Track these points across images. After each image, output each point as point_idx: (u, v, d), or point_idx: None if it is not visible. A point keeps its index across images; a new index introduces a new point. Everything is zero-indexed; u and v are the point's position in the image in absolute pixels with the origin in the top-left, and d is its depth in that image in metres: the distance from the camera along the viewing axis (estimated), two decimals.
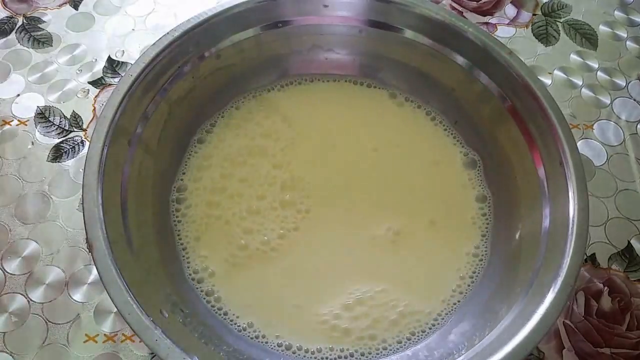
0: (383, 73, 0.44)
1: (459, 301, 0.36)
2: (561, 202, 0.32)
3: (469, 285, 0.37)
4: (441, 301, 0.36)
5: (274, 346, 0.34)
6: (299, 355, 0.34)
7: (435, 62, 0.40)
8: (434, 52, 0.40)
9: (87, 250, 0.39)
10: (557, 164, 0.33)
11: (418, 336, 0.35)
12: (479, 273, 0.37)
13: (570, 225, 0.31)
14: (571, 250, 0.30)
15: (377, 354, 0.35)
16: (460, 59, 0.39)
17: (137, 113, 0.35)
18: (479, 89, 0.39)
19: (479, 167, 0.41)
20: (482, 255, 0.38)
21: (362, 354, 0.34)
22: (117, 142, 0.33)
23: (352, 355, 0.34)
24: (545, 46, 0.52)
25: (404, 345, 0.35)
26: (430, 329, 0.35)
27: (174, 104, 0.38)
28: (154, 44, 0.36)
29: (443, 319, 0.36)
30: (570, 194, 0.32)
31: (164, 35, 0.36)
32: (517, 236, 0.36)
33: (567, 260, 0.30)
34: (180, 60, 0.37)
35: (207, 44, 0.39)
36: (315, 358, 0.34)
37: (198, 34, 0.37)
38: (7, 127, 0.45)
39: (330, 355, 0.34)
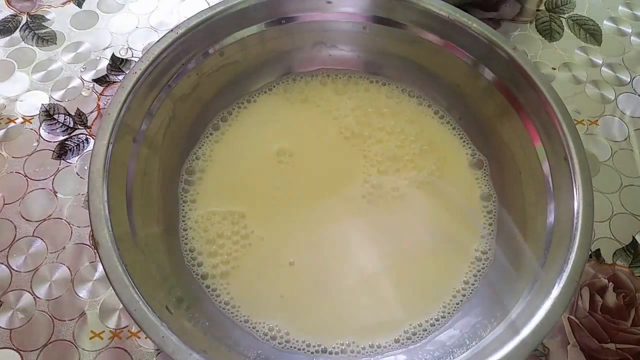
0: (387, 69, 0.44)
1: (464, 296, 0.36)
2: (566, 198, 0.32)
3: (473, 283, 0.37)
4: (446, 297, 0.36)
5: (282, 342, 0.34)
6: (302, 350, 0.34)
7: (440, 58, 0.40)
8: (439, 48, 0.40)
9: (93, 247, 0.39)
10: (561, 160, 0.33)
11: (420, 335, 0.35)
12: (484, 270, 0.37)
13: (575, 221, 0.31)
14: (576, 246, 0.30)
15: (375, 352, 0.35)
16: (464, 55, 0.39)
17: (142, 110, 0.35)
18: (483, 85, 0.39)
19: (486, 166, 0.41)
20: (487, 252, 0.38)
21: (358, 352, 0.35)
22: (122, 140, 0.33)
23: (352, 352, 0.34)
24: (550, 42, 0.52)
25: (411, 341, 0.35)
26: (432, 325, 0.35)
27: (179, 101, 0.38)
28: (157, 41, 0.36)
29: (449, 313, 0.36)
30: (575, 190, 0.32)
31: (167, 33, 0.36)
32: (521, 232, 0.36)
33: (572, 256, 0.30)
34: (184, 58, 0.37)
35: (211, 41, 0.39)
36: (316, 351, 0.34)
37: (202, 31, 0.37)
38: (11, 125, 0.45)
39: (329, 349, 0.35)
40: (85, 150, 0.44)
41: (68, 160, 0.43)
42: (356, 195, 0.40)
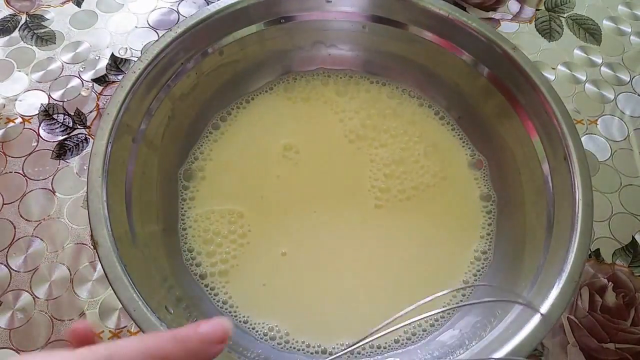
0: (386, 69, 0.44)
1: (463, 295, 0.36)
2: (565, 198, 0.32)
3: (473, 283, 0.37)
4: (445, 297, 0.36)
5: (282, 342, 0.34)
6: (301, 350, 0.34)
7: (439, 58, 0.40)
8: (438, 48, 0.40)
9: (92, 247, 0.39)
10: (561, 160, 0.33)
11: (419, 335, 0.35)
12: (483, 270, 0.37)
13: (575, 221, 0.31)
14: (575, 246, 0.30)
15: (375, 352, 0.35)
16: (464, 54, 0.39)
17: (141, 110, 0.35)
18: (482, 85, 0.39)
19: (485, 166, 0.41)
20: (487, 252, 0.38)
21: (359, 352, 0.34)
22: (121, 139, 0.33)
23: (352, 352, 0.34)
24: (549, 41, 0.52)
25: (411, 342, 0.35)
26: (432, 325, 0.35)
27: (178, 100, 0.38)
28: (156, 40, 0.36)
29: (449, 313, 0.36)
30: (575, 190, 0.32)
31: (166, 32, 0.36)
32: (521, 232, 0.36)
33: (571, 256, 0.30)
34: (183, 57, 0.37)
35: (210, 40, 0.39)
36: (316, 352, 0.34)
37: (201, 30, 0.37)
38: (11, 124, 0.45)
39: (329, 349, 0.34)
40: (84, 150, 0.44)
41: (67, 160, 0.43)
42: (363, 198, 0.40)
